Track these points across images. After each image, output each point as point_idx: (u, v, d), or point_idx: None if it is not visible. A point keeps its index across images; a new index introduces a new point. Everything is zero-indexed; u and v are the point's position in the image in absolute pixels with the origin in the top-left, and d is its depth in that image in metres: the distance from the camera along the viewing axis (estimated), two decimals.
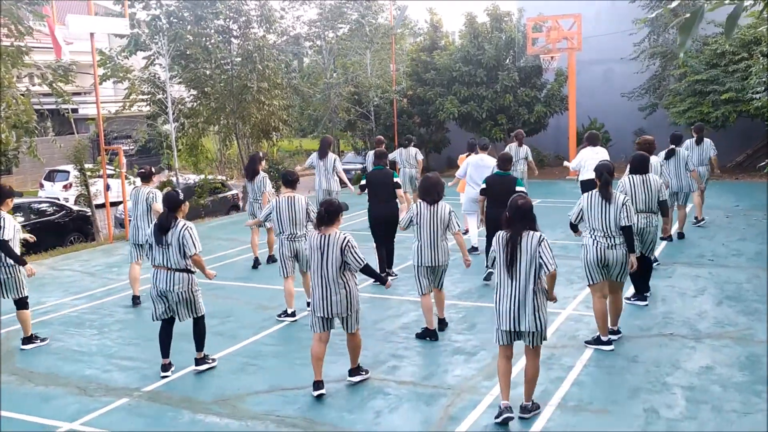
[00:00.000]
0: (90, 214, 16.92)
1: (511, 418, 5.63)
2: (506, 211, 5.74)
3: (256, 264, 11.46)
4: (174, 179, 18.34)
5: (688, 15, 3.72)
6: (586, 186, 12.05)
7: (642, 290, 8.68)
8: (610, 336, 7.29)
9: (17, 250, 7.84)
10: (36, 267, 8.99)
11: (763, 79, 16.32)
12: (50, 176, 24.29)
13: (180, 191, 7.05)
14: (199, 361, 7.09)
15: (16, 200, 12.50)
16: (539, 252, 5.55)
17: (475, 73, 22.51)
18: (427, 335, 7.75)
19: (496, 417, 5.66)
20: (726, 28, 3.83)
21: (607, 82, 24.08)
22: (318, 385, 6.35)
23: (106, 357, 7.61)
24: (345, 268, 6.23)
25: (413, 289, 9.66)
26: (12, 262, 7.73)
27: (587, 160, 11.94)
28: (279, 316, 8.63)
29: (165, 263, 6.80)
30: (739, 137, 21.20)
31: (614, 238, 7.06)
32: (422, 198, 7.78)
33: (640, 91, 22.74)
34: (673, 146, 11.81)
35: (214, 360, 7.24)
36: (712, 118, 19.35)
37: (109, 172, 15.73)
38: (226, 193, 20.30)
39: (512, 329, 5.63)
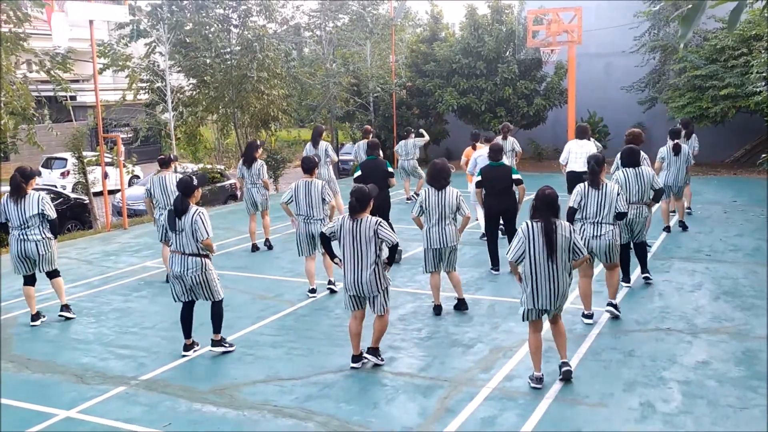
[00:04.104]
0: (87, 202, 16.88)
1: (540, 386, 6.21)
2: (533, 200, 6.16)
3: (254, 249, 11.81)
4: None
5: (690, 6, 3.71)
6: (570, 177, 12.02)
7: (642, 271, 9.29)
8: (610, 308, 7.88)
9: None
10: None
11: (764, 74, 16.30)
12: (48, 163, 24.23)
13: (194, 177, 7.15)
14: (215, 343, 7.24)
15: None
16: (573, 240, 6.13)
17: (474, 65, 22.45)
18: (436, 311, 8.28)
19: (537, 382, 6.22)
20: (729, 21, 3.84)
21: (607, 76, 24.00)
22: (355, 358, 6.76)
23: (104, 345, 7.61)
24: (377, 247, 6.52)
25: (410, 280, 9.73)
26: (51, 236, 8.33)
27: (572, 153, 11.99)
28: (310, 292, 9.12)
29: (179, 248, 6.96)
30: (737, 133, 21.19)
31: (602, 227, 7.53)
32: (430, 184, 8.08)
33: (639, 85, 22.70)
34: (677, 141, 11.93)
35: (231, 345, 7.33)
36: (711, 114, 19.32)
37: (107, 160, 15.67)
38: (224, 183, 20.24)
39: (551, 308, 6.11)
